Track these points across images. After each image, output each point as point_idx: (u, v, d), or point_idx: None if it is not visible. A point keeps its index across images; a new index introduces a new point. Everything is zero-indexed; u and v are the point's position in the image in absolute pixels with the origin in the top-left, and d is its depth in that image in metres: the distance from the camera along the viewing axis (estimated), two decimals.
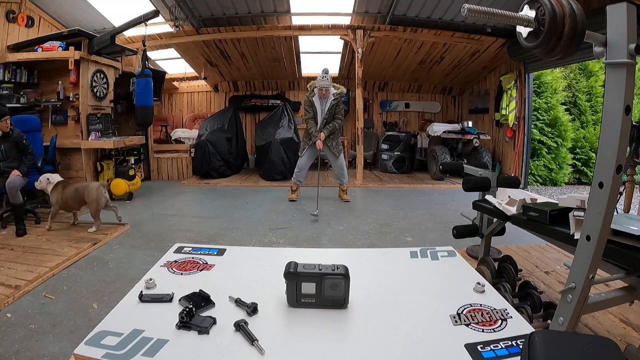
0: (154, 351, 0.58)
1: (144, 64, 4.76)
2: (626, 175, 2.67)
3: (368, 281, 0.78)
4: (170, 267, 0.88)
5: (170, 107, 8.04)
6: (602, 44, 0.95)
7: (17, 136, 3.34)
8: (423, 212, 4.21)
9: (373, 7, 5.24)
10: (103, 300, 2.12)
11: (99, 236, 3.15)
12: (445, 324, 0.64)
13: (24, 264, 2.55)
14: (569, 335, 0.46)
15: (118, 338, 0.61)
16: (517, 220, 1.79)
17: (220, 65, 6.99)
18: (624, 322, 1.83)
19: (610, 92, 0.97)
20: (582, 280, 1.08)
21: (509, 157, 6.19)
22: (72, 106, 4.61)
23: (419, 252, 0.96)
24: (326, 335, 0.62)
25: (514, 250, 2.83)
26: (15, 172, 3.20)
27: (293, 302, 0.70)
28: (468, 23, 5.42)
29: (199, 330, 0.63)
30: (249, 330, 0.62)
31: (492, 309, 0.68)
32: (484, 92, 6.99)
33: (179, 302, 0.72)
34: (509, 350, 0.56)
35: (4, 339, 1.75)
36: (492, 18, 0.85)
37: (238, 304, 0.71)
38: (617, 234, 1.28)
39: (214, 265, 0.89)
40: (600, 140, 1.01)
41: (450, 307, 0.69)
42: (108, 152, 4.91)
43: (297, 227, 3.63)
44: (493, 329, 0.62)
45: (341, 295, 0.69)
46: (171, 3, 4.96)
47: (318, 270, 0.68)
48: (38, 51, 4.44)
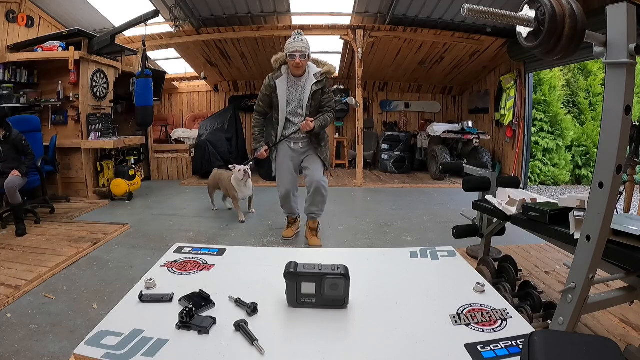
0: (154, 351, 0.58)
1: (144, 64, 4.76)
2: (626, 175, 2.67)
3: (368, 281, 0.78)
4: (170, 267, 0.88)
5: (170, 107, 8.03)
6: (602, 44, 0.95)
7: (15, 138, 3.34)
8: (423, 212, 4.20)
9: (373, 7, 5.23)
10: (103, 300, 2.12)
11: (99, 236, 3.15)
12: (445, 324, 0.64)
13: (24, 264, 2.55)
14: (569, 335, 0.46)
15: (118, 338, 0.61)
16: (517, 220, 1.79)
17: (220, 65, 6.99)
18: (624, 322, 1.83)
19: (610, 92, 0.97)
20: (582, 280, 1.08)
21: (509, 157, 6.19)
22: (72, 106, 4.61)
23: (419, 252, 0.96)
24: (326, 335, 0.62)
25: (514, 250, 2.83)
26: (15, 173, 3.20)
27: (293, 302, 0.70)
28: (468, 23, 5.42)
29: (199, 330, 0.63)
30: (249, 330, 0.62)
31: (492, 309, 0.68)
32: (484, 92, 6.99)
33: (179, 302, 0.72)
34: (509, 350, 0.56)
35: (4, 339, 1.75)
36: (492, 18, 0.85)
37: (238, 304, 0.71)
38: (617, 234, 1.28)
39: (214, 265, 0.89)
40: (600, 140, 1.01)
41: (450, 307, 0.69)
42: (108, 152, 4.91)
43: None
44: (493, 329, 0.62)
45: (341, 295, 0.69)
46: (171, 3, 4.96)
47: (318, 270, 0.68)
48: (38, 51, 4.43)
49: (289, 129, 2.77)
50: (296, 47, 2.55)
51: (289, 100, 2.68)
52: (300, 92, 2.67)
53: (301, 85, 2.66)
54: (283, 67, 2.67)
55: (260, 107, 2.83)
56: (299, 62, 2.54)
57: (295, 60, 2.53)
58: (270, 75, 2.71)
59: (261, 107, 2.82)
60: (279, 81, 2.65)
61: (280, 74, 2.66)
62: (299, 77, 2.65)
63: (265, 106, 2.81)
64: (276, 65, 2.68)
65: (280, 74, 2.66)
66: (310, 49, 2.62)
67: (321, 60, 2.76)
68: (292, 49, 2.56)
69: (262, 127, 2.87)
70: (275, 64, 2.69)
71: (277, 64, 2.68)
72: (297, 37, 2.60)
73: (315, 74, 2.65)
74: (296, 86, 2.67)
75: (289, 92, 2.67)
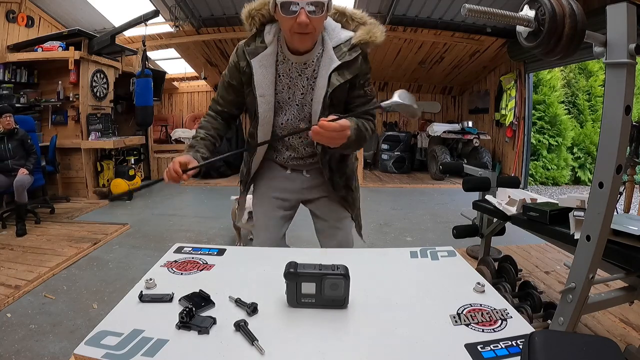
0: (154, 351, 0.58)
1: (144, 64, 4.77)
2: (626, 175, 2.67)
3: (368, 281, 0.78)
4: (170, 267, 0.88)
5: (170, 107, 8.04)
6: (602, 44, 0.95)
7: (22, 135, 3.40)
8: (423, 212, 4.20)
9: (373, 7, 5.23)
10: (103, 300, 2.12)
11: (99, 236, 3.15)
12: (445, 324, 0.64)
13: (24, 264, 2.55)
14: (569, 335, 0.46)
15: (118, 338, 0.61)
16: (517, 220, 1.79)
17: (220, 65, 6.99)
18: (624, 322, 1.83)
19: (610, 92, 0.97)
20: (582, 280, 1.08)
21: (509, 157, 6.19)
22: (72, 106, 4.62)
23: (419, 252, 0.96)
24: (326, 335, 0.62)
25: (514, 250, 2.83)
26: (24, 171, 3.22)
27: (293, 302, 0.70)
28: (468, 23, 5.42)
29: (199, 330, 0.63)
30: (249, 330, 0.62)
31: (492, 309, 0.68)
32: (484, 92, 6.99)
33: (179, 302, 0.72)
34: (509, 350, 0.56)
35: (4, 339, 1.75)
36: (492, 18, 0.85)
37: (238, 304, 0.71)
38: (617, 234, 1.28)
39: (214, 265, 0.89)
40: (600, 140, 1.01)
41: (450, 307, 0.69)
42: (108, 152, 4.91)
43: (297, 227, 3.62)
44: (493, 329, 0.62)
45: (341, 295, 0.69)
46: (171, 3, 4.96)
47: (318, 270, 0.68)
48: (38, 51, 4.44)
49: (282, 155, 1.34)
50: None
51: (280, 102, 1.23)
52: (306, 84, 1.20)
53: (309, 70, 1.19)
54: (268, 28, 1.20)
55: (220, 105, 1.35)
56: (305, 21, 1.05)
57: (300, 16, 1.05)
58: (241, 44, 1.23)
59: (221, 105, 1.35)
60: (257, 61, 1.18)
61: (262, 46, 1.19)
62: (304, 54, 1.18)
63: (229, 104, 1.34)
64: (252, 26, 1.22)
65: (262, 46, 1.19)
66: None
67: (352, 12, 1.23)
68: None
69: (213, 134, 1.33)
70: (249, 23, 1.22)
71: (255, 22, 1.21)
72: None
73: (340, 46, 1.17)
74: (298, 72, 1.20)
75: (280, 85, 1.21)
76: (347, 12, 1.24)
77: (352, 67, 1.18)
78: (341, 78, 1.17)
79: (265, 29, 1.21)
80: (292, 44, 1.15)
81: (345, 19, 1.23)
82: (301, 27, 1.06)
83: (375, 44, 1.18)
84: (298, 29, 1.07)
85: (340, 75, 1.17)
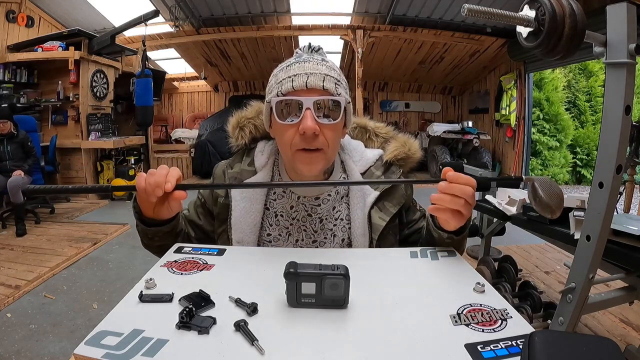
0: (154, 351, 0.58)
1: (144, 64, 4.77)
2: (626, 175, 2.67)
3: (368, 281, 0.78)
4: (170, 267, 0.87)
5: (170, 107, 8.04)
6: (602, 44, 0.95)
7: (23, 137, 3.42)
8: None
9: (373, 7, 5.24)
10: (103, 300, 2.12)
11: (98, 236, 3.15)
12: (445, 324, 0.64)
13: (24, 264, 2.55)
14: (569, 335, 0.46)
15: (118, 338, 0.61)
16: (517, 220, 1.79)
17: (220, 65, 7.00)
18: (624, 322, 1.83)
19: (610, 92, 0.97)
20: (582, 280, 1.08)
21: (509, 157, 6.19)
22: (72, 106, 4.62)
23: (419, 252, 0.96)
24: (326, 335, 0.62)
25: (514, 250, 2.83)
26: (18, 172, 3.23)
27: (293, 302, 0.70)
28: (468, 23, 5.42)
29: (199, 330, 0.63)
30: (249, 330, 0.62)
31: (492, 309, 0.68)
32: (484, 92, 6.99)
33: (179, 302, 0.72)
34: (509, 350, 0.56)
35: (4, 339, 1.75)
36: (492, 18, 0.85)
37: (238, 304, 0.71)
38: (617, 234, 1.28)
39: (214, 265, 0.89)
40: (600, 140, 1.01)
41: (450, 307, 0.69)
42: (108, 152, 4.91)
43: None
44: (493, 329, 0.62)
45: (341, 295, 0.69)
46: (171, 3, 4.97)
47: (318, 270, 0.68)
48: (38, 51, 4.44)
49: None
50: (308, 69, 0.71)
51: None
52: (324, 230, 0.84)
53: (325, 208, 0.83)
54: (261, 146, 0.86)
55: (188, 225, 0.92)
56: (312, 127, 0.68)
57: (305, 121, 0.68)
58: (222, 163, 0.89)
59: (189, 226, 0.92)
60: (239, 190, 0.83)
61: (250, 170, 0.84)
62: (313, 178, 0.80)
63: (198, 230, 0.93)
64: (239, 140, 0.88)
65: (250, 170, 0.84)
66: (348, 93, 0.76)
67: (376, 126, 0.95)
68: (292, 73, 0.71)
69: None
70: (235, 137, 0.88)
71: (244, 135, 0.88)
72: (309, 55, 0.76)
73: (370, 170, 0.85)
74: (306, 212, 0.82)
75: (272, 229, 0.85)
76: (370, 126, 0.93)
77: (394, 194, 0.83)
78: (386, 215, 0.81)
79: (257, 147, 0.85)
80: (295, 167, 0.77)
81: (368, 134, 0.93)
82: (306, 138, 0.70)
83: (414, 160, 0.90)
84: (302, 142, 0.71)
85: (382, 211, 0.81)
